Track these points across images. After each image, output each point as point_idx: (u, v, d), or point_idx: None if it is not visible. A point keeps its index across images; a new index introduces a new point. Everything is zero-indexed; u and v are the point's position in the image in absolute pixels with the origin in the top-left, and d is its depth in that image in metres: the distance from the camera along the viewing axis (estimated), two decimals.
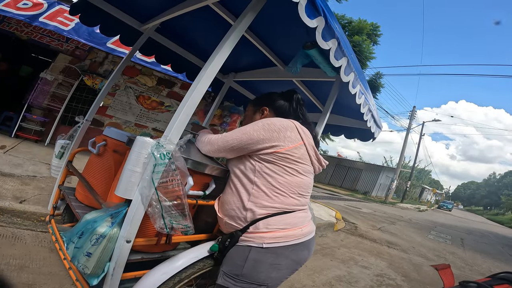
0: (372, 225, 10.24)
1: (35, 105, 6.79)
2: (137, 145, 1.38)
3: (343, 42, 1.72)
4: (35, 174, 4.49)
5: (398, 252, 6.75)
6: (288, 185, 1.53)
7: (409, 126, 29.67)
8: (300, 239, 1.53)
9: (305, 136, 1.59)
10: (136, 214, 1.34)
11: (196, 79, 1.52)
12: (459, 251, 8.78)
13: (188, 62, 3.38)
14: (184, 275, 1.53)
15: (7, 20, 6.16)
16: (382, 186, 32.73)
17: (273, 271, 1.46)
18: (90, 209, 2.06)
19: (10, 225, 2.98)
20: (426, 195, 53.71)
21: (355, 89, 1.99)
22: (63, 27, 5.99)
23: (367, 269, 4.91)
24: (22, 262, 2.45)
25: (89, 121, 2.84)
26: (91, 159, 2.24)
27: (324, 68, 2.06)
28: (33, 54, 8.71)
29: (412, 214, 21.15)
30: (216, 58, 1.52)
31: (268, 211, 1.49)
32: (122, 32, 3.04)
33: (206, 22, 2.59)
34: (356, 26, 11.62)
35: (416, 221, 16.18)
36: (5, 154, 5.10)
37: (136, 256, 1.57)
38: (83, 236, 1.39)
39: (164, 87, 8.32)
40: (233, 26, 1.59)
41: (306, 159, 1.59)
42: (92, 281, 1.38)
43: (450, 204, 49.17)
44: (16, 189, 3.71)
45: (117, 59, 7.37)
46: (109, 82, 2.96)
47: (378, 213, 15.21)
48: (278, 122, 1.55)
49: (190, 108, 1.47)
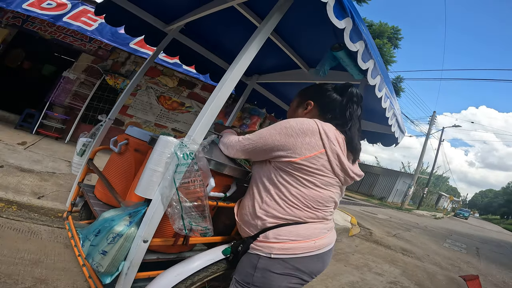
0: (387, 231, 10.14)
1: (57, 103, 6.93)
2: (160, 144, 1.35)
3: (370, 44, 1.67)
4: (54, 171, 4.55)
5: (413, 260, 6.66)
6: (302, 198, 1.41)
7: (429, 132, 29.16)
8: (313, 251, 1.42)
9: (328, 141, 1.39)
10: (155, 214, 1.32)
11: (221, 81, 1.49)
12: (474, 260, 8.62)
13: (212, 63, 3.39)
14: (197, 278, 1.51)
15: (31, 20, 6.34)
16: (399, 192, 32.40)
17: (283, 281, 1.40)
18: (108, 207, 2.06)
19: (27, 220, 3.01)
20: (443, 202, 52.76)
21: (381, 92, 1.93)
22: (86, 27, 6.13)
23: (381, 276, 4.85)
24: (36, 257, 2.46)
25: (112, 120, 2.86)
26: (112, 157, 2.24)
27: (351, 70, 2.01)
28: (56, 53, 8.93)
29: (428, 221, 20.89)
30: (241, 60, 1.49)
31: (278, 221, 1.42)
32: (146, 33, 3.07)
33: (231, 23, 2.58)
34: (377, 29, 11.46)
35: (431, 228, 15.98)
36: (26, 150, 5.19)
37: (152, 256, 1.55)
38: (100, 234, 1.38)
39: (185, 88, 8.39)
40: (259, 28, 1.56)
41: (326, 170, 1.42)
42: (105, 279, 1.36)
43: (467, 212, 47.93)
44: (35, 184, 3.76)
45: (139, 59, 7.49)
46: (133, 82, 2.97)
47: (393, 220, 15.10)
48: (297, 125, 1.40)
49: (215, 109, 1.44)
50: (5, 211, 2.99)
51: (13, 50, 7.74)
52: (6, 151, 4.66)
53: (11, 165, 4.12)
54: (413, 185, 28.36)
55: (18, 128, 6.64)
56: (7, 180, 3.55)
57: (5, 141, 5.19)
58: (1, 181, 3.47)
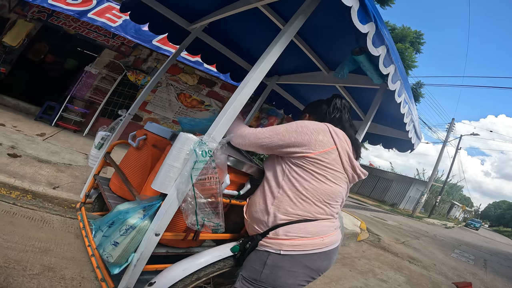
0: (396, 238, 10.01)
1: (77, 96, 7.06)
2: (180, 141, 1.37)
3: (392, 49, 1.67)
4: (70, 163, 4.62)
5: (419, 268, 6.55)
6: (315, 192, 1.48)
7: (446, 139, 28.34)
8: (321, 248, 1.48)
9: (339, 140, 1.53)
10: (169, 208, 1.33)
11: (243, 81, 1.50)
12: (480, 272, 8.42)
13: (232, 62, 3.39)
14: (203, 273, 1.53)
15: (56, 15, 6.47)
16: (411, 199, 31.84)
17: (290, 278, 1.44)
18: (122, 200, 2.08)
19: (40, 209, 3.06)
20: (455, 212, 51.57)
21: (400, 97, 1.93)
22: (110, 24, 6.23)
23: (385, 283, 4.78)
24: (47, 245, 2.49)
25: (131, 115, 2.90)
26: (129, 152, 2.27)
27: (371, 75, 1.99)
28: (79, 48, 9.11)
29: (438, 230, 20.45)
30: (264, 61, 1.49)
31: (289, 217, 1.47)
32: (170, 31, 3.11)
33: (254, 24, 2.58)
34: (399, 33, 11.31)
35: (441, 237, 15.66)
36: (44, 141, 5.28)
37: (162, 249, 1.58)
38: (113, 226, 1.39)
39: (205, 86, 8.44)
40: (283, 30, 1.56)
41: (337, 165, 1.52)
42: (114, 269, 1.38)
43: (478, 223, 46.57)
44: (51, 175, 3.82)
45: (160, 56, 7.57)
46: (154, 79, 3.00)
47: (403, 227, 14.89)
48: (311, 126, 1.52)
49: (236, 109, 1.45)
50: (20, 200, 3.05)
51: (37, 44, 7.92)
52: (25, 141, 4.75)
53: (29, 155, 4.19)
54: (426, 192, 27.73)
55: (38, 119, 6.77)
56: (24, 170, 3.61)
57: (24, 132, 5.29)
58: (18, 170, 3.53)
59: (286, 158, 1.53)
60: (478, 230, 42.94)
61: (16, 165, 3.66)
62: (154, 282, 1.43)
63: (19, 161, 3.84)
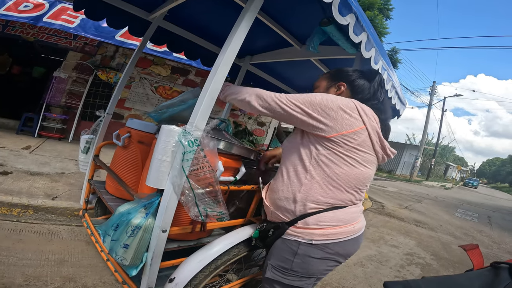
0: (399, 203, 10.19)
1: (53, 104, 6.92)
2: (164, 134, 1.35)
3: (361, 16, 1.61)
4: (63, 171, 4.60)
5: (426, 231, 6.71)
6: (346, 178, 1.37)
7: (431, 102, 28.89)
8: (352, 235, 1.44)
9: (368, 119, 1.36)
10: (169, 203, 1.34)
11: (214, 66, 1.45)
12: (486, 229, 8.66)
13: (201, 48, 3.32)
14: (220, 262, 1.53)
15: (10, 24, 6.20)
16: (407, 164, 32.48)
17: (322, 265, 1.42)
18: (122, 201, 2.09)
19: (45, 222, 3.07)
20: (451, 173, 52.80)
21: (377, 65, 1.88)
22: (68, 25, 5.99)
23: (397, 248, 4.91)
24: (61, 256, 2.52)
25: (110, 115, 2.87)
26: (117, 151, 2.27)
27: (343, 44, 1.95)
28: (43, 54, 8.80)
29: (437, 192, 20.87)
30: (231, 43, 1.43)
31: (320, 206, 1.38)
32: (130, 24, 3.00)
33: (215, 5, 2.51)
34: (366, 1, 11.13)
35: (442, 199, 15.98)
36: (31, 154, 5.22)
37: (173, 244, 1.59)
38: (119, 228, 1.41)
39: (179, 76, 8.34)
40: (245, 8, 1.48)
41: (368, 146, 1.38)
42: (131, 271, 1.40)
43: (476, 181, 47.78)
44: (46, 186, 3.81)
45: (127, 51, 7.40)
46: (124, 75, 2.94)
47: (404, 192, 15.12)
48: (337, 101, 1.34)
49: (213, 94, 1.42)
50: (22, 216, 3.05)
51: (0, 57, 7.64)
52: (12, 157, 4.69)
53: (19, 170, 4.15)
54: (420, 156, 28.40)
55: (19, 133, 6.65)
56: (19, 185, 3.60)
57: (9, 148, 5.21)
58: (13, 187, 3.51)
59: (313, 139, 1.39)
60: (477, 188, 43.76)
61: (10, 182, 3.64)
62: (173, 278, 1.44)
63: (11, 177, 3.82)
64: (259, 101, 1.40)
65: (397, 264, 4.17)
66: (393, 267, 4.00)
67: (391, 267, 3.99)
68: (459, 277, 0.98)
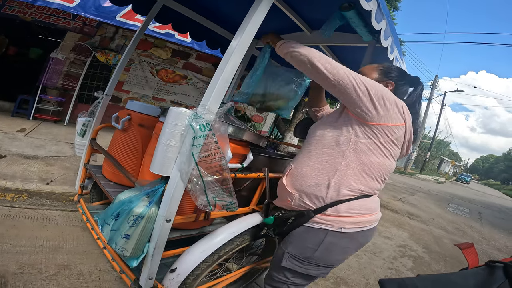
0: (393, 195, 10.31)
1: (49, 85, 6.77)
2: (172, 117, 1.25)
3: (382, 3, 1.56)
4: (58, 154, 4.49)
5: (419, 224, 6.82)
6: (379, 167, 1.39)
7: (431, 96, 28.87)
8: (374, 224, 1.47)
9: (409, 119, 1.40)
10: (175, 192, 1.25)
11: (226, 52, 1.33)
12: (477, 225, 8.81)
13: (207, 29, 3.12)
14: (223, 251, 1.50)
15: (8, 4, 5.98)
16: None
17: (342, 254, 1.44)
18: (119, 187, 2.01)
19: (39, 207, 2.97)
20: (445, 167, 53.55)
21: (392, 54, 1.84)
22: (68, 4, 5.79)
23: (390, 240, 4.96)
24: (55, 243, 2.44)
25: (109, 96, 2.74)
26: (116, 135, 2.16)
27: (361, 31, 1.87)
28: (41, 35, 8.59)
29: (430, 185, 21.19)
30: (247, 28, 1.32)
31: (353, 193, 1.37)
32: (134, 1, 2.84)
33: None
34: None
35: (435, 192, 16.27)
36: (26, 137, 5.10)
37: (175, 234, 1.53)
38: (119, 218, 1.32)
39: (180, 59, 8.15)
40: None
41: (400, 143, 1.42)
42: (132, 263, 1.33)
43: (468, 177, 48.46)
44: (41, 170, 3.71)
45: (128, 32, 7.21)
46: (125, 56, 2.81)
47: (398, 184, 15.25)
48: (393, 96, 1.38)
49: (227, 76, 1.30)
50: (16, 201, 2.95)
51: None
52: (6, 140, 4.57)
53: (14, 153, 4.05)
54: (415, 149, 28.45)
55: (14, 115, 6.51)
56: (13, 169, 3.49)
57: (4, 130, 5.09)
58: (6, 171, 3.41)
59: (355, 125, 1.37)
60: (469, 183, 44.51)
61: (3, 166, 3.53)
62: (175, 268, 1.40)
63: (5, 161, 3.71)
64: (326, 65, 1.34)
65: (390, 255, 4.20)
66: (386, 259, 4.03)
67: (384, 259, 4.01)
68: (454, 276, 1.00)
